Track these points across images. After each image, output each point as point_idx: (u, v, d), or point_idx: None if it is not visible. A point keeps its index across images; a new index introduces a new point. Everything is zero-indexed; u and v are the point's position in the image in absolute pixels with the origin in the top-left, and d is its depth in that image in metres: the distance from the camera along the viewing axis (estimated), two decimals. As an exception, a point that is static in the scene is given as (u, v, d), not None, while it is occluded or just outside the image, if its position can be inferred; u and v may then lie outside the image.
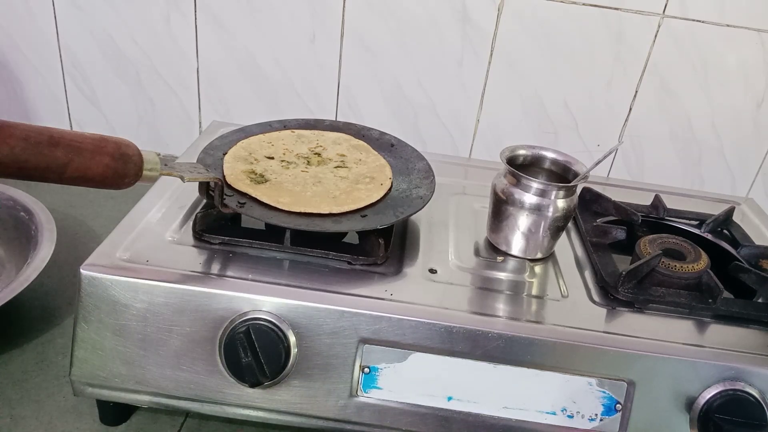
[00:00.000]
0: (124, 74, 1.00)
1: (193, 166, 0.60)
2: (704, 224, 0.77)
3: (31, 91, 1.03)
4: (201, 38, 0.96)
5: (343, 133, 0.79)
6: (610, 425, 0.56)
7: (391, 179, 0.70)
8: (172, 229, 0.63)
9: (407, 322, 0.55)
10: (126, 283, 0.55)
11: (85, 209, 0.93)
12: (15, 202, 0.78)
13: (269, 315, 0.54)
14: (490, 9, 0.90)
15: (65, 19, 0.96)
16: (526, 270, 0.65)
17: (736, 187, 0.99)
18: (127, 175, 0.52)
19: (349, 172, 0.71)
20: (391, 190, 0.69)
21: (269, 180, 0.67)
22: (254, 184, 0.65)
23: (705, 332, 0.59)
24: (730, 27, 0.87)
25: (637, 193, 0.86)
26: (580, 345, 0.55)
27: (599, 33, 0.90)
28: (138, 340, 0.55)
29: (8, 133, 0.46)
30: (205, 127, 1.00)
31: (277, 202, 0.63)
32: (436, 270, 0.63)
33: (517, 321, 0.57)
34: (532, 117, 0.97)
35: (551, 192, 0.64)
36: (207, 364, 0.56)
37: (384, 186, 0.69)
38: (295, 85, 0.98)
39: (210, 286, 0.55)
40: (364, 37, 0.93)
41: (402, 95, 0.97)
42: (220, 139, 0.74)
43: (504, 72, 0.94)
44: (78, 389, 0.58)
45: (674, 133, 0.96)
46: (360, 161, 0.73)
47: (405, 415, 0.57)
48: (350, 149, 0.75)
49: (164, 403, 0.58)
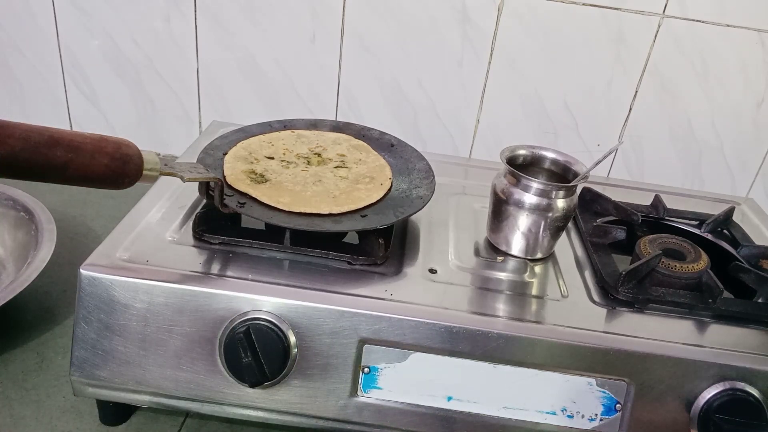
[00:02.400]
0: (124, 74, 1.00)
1: (193, 166, 0.60)
2: (704, 224, 0.77)
3: (31, 91, 1.03)
4: (201, 38, 0.96)
5: (343, 134, 0.79)
6: (610, 425, 0.56)
7: (391, 179, 0.70)
8: (172, 229, 0.63)
9: (407, 322, 0.55)
10: (126, 283, 0.55)
11: (85, 209, 0.93)
12: (15, 202, 0.78)
13: (269, 315, 0.54)
14: (490, 9, 0.90)
15: (65, 19, 0.96)
16: (526, 270, 0.65)
17: (736, 187, 0.99)
18: (127, 175, 0.52)
19: (349, 172, 0.71)
20: (391, 190, 0.69)
21: (269, 180, 0.67)
22: (254, 183, 0.65)
23: (705, 332, 0.59)
24: (730, 27, 0.87)
25: (637, 193, 0.86)
26: (580, 345, 0.55)
27: (599, 33, 0.90)
28: (138, 340, 0.55)
29: (8, 133, 0.46)
30: (205, 127, 1.00)
31: (277, 202, 0.63)
32: (436, 270, 0.63)
33: (517, 321, 0.57)
34: (532, 117, 0.97)
35: (551, 192, 0.64)
36: (207, 364, 0.56)
37: (384, 186, 0.69)
38: (295, 85, 0.98)
39: (210, 286, 0.55)
40: (364, 37, 0.93)
41: (402, 95, 0.97)
42: (220, 139, 0.74)
43: (504, 72, 0.94)
44: (78, 389, 0.58)
45: (674, 133, 0.96)
46: (360, 161, 0.73)
47: (405, 415, 0.57)
48: (350, 149, 0.75)
49: (164, 403, 0.58)
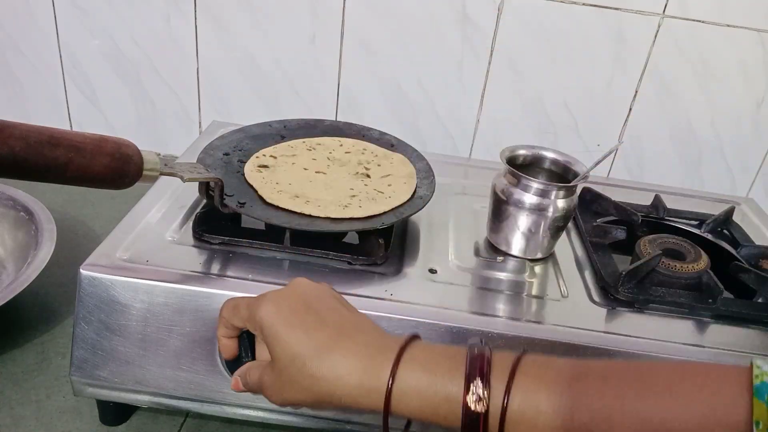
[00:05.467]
0: (124, 74, 1.00)
1: (193, 166, 0.60)
2: (704, 224, 0.77)
3: (31, 91, 1.03)
4: (201, 38, 0.96)
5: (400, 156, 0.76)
6: (610, 425, 0.56)
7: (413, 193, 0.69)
8: (172, 229, 0.63)
9: (407, 322, 0.55)
10: (126, 283, 0.55)
11: (85, 209, 0.93)
12: (15, 202, 0.78)
13: (269, 315, 0.54)
14: (490, 9, 0.90)
15: (65, 19, 0.96)
16: (526, 270, 0.65)
17: (736, 187, 0.99)
18: (127, 175, 0.52)
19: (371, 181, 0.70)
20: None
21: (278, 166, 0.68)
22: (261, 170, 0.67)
23: (705, 332, 0.59)
24: (730, 27, 0.87)
25: (637, 193, 0.86)
26: (580, 345, 0.55)
27: (599, 33, 0.90)
28: (138, 340, 0.55)
29: (8, 133, 0.46)
30: (205, 127, 1.00)
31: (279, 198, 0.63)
32: (436, 270, 0.63)
33: (517, 321, 0.57)
34: (532, 117, 0.97)
35: (551, 192, 0.64)
36: (207, 364, 0.56)
37: (392, 200, 0.67)
38: (295, 85, 0.98)
39: (210, 286, 0.55)
40: (364, 37, 0.93)
41: (402, 95, 0.97)
42: (220, 139, 0.74)
43: (504, 72, 0.94)
44: (78, 389, 0.58)
45: (674, 133, 0.96)
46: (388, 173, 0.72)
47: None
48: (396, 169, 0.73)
49: (164, 403, 0.58)
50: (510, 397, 0.37)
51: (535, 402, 0.37)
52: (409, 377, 0.40)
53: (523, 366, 0.39)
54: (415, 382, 0.40)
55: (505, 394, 0.38)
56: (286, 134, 0.78)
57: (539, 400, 0.37)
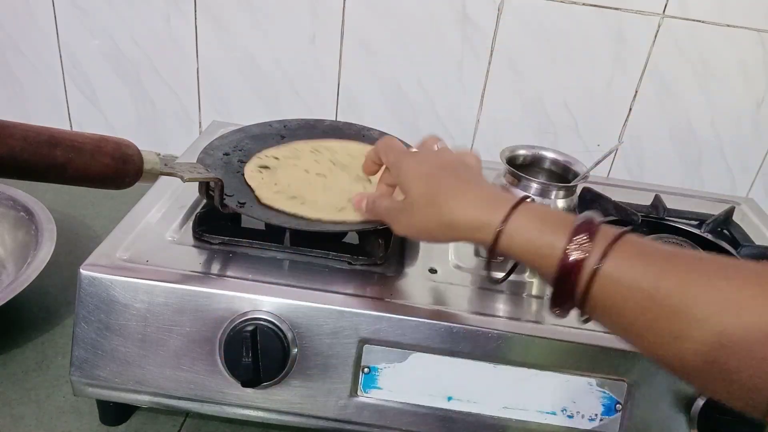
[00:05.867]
0: (124, 74, 1.00)
1: (193, 166, 0.60)
2: (704, 224, 0.77)
3: (31, 91, 1.03)
4: (201, 38, 0.96)
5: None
6: (610, 425, 0.56)
7: None
8: (172, 229, 0.63)
9: (407, 322, 0.55)
10: (126, 283, 0.55)
11: (85, 209, 0.93)
12: (15, 202, 0.78)
13: (269, 315, 0.54)
14: (490, 9, 0.90)
15: (65, 19, 0.96)
16: (526, 270, 0.65)
17: (736, 187, 0.99)
18: (127, 175, 0.52)
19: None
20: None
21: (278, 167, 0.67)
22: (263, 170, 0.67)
23: (705, 332, 0.59)
24: (730, 27, 0.87)
25: (637, 193, 0.86)
26: (580, 345, 0.55)
27: (599, 33, 0.90)
28: (138, 340, 0.55)
29: (8, 133, 0.46)
30: (205, 127, 1.00)
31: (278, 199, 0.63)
32: (436, 270, 0.63)
33: (517, 321, 0.57)
34: (532, 117, 0.97)
35: (551, 192, 0.64)
36: (207, 364, 0.56)
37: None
38: (295, 85, 0.98)
39: (210, 286, 0.55)
40: (364, 37, 0.93)
41: (402, 95, 0.97)
42: (220, 139, 0.74)
43: (504, 72, 0.94)
44: (78, 389, 0.58)
45: (674, 133, 0.96)
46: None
47: (405, 415, 0.57)
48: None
49: (164, 403, 0.58)
50: (607, 257, 0.40)
51: (628, 265, 0.40)
52: (521, 220, 0.45)
53: (627, 237, 0.41)
54: (525, 224, 0.44)
55: (603, 253, 0.40)
56: (286, 134, 0.78)
57: (633, 265, 0.40)
